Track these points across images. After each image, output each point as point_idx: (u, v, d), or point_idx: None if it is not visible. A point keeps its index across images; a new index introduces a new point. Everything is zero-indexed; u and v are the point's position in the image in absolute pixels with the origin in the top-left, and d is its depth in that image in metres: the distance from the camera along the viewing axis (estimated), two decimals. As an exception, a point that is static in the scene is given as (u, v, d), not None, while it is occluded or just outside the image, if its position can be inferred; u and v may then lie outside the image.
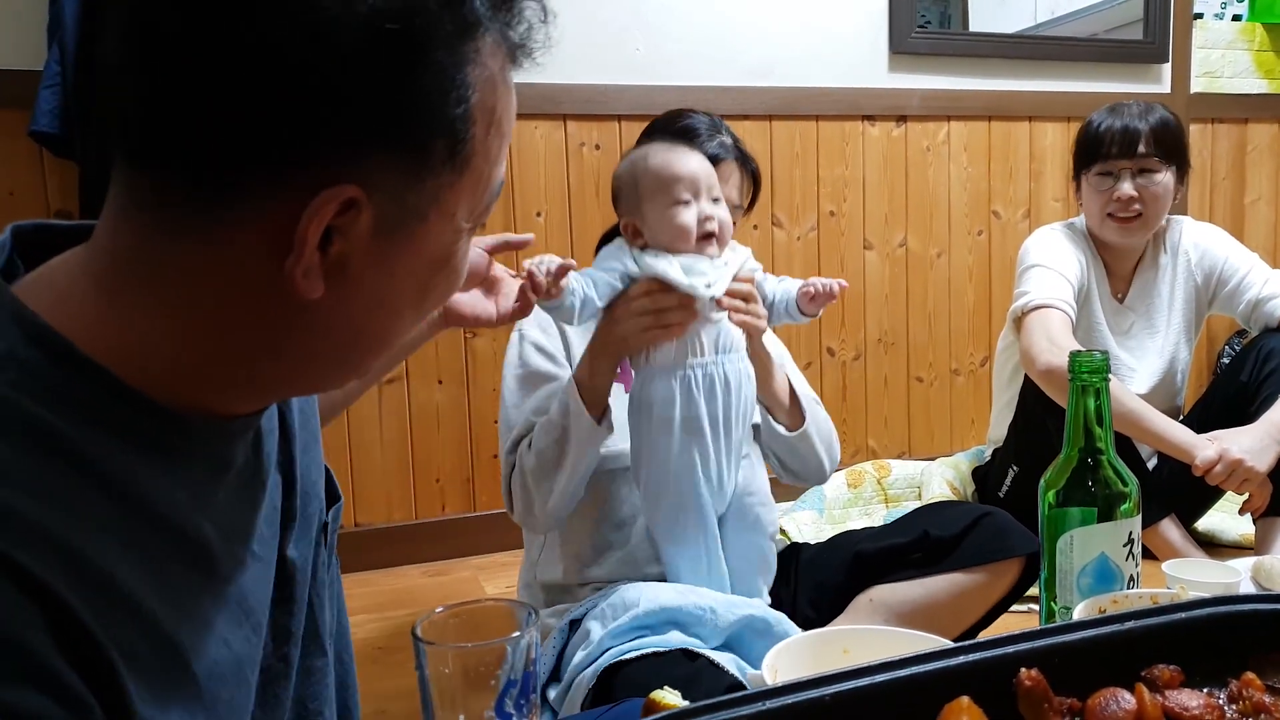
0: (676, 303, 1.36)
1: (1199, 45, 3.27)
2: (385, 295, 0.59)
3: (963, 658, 0.56)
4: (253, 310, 0.56)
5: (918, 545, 1.51)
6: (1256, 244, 3.36)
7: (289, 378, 0.62)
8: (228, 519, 0.62)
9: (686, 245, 1.38)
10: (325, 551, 0.75)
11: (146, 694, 0.53)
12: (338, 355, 0.61)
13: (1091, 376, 0.91)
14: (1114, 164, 2.06)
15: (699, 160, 1.39)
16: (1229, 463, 1.82)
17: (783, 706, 0.51)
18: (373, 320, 0.60)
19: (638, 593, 1.37)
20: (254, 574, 0.64)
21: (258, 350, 0.58)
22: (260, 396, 0.63)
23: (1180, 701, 0.57)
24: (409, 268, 0.59)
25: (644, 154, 1.41)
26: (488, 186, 0.61)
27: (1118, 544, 0.88)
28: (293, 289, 0.55)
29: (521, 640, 0.56)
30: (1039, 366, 1.95)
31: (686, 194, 1.37)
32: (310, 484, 0.72)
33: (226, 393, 0.60)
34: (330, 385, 0.65)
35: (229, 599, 0.61)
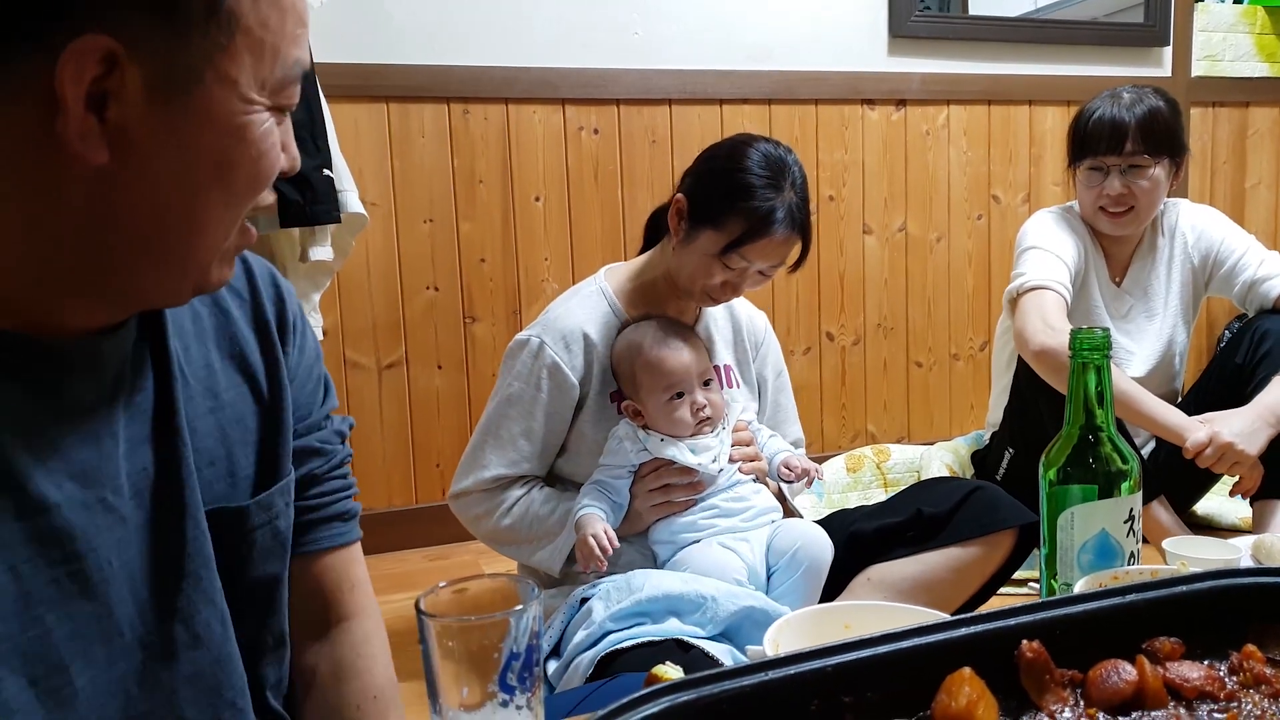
0: (681, 477, 1.49)
1: (1200, 28, 3.26)
2: (179, 167, 0.59)
3: (965, 630, 0.56)
4: (45, 187, 0.57)
5: (912, 523, 1.53)
6: (1257, 228, 3.36)
7: (107, 271, 0.61)
8: (50, 448, 0.61)
9: (685, 434, 1.50)
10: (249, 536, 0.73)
11: None
12: (145, 238, 0.61)
13: (1092, 353, 0.91)
14: (1102, 160, 2.05)
15: (689, 352, 1.50)
16: (1219, 446, 1.82)
17: (785, 677, 0.51)
18: (173, 196, 0.60)
19: (644, 578, 1.40)
20: (91, 520, 0.63)
21: (64, 233, 0.59)
22: (92, 305, 0.63)
23: (1181, 673, 0.57)
24: (198, 138, 0.59)
25: (639, 344, 1.50)
26: (275, 58, 0.60)
27: (1118, 521, 0.88)
28: (74, 155, 0.56)
29: (524, 614, 0.57)
30: (1032, 347, 1.95)
31: (680, 388, 1.48)
32: (201, 469, 0.70)
33: (53, 298, 0.61)
34: (156, 288, 0.64)
35: (32, 529, 0.60)
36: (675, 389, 1.48)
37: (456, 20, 2.53)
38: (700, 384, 1.50)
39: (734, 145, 1.51)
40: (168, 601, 0.67)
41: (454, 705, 0.56)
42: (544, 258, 2.66)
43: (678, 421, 1.48)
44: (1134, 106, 2.05)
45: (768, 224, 1.43)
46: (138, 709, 0.66)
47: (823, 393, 3.00)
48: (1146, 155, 2.04)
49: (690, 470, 1.48)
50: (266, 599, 0.77)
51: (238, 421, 0.74)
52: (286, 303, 0.80)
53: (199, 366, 0.72)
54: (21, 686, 0.59)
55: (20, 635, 0.59)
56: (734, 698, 0.50)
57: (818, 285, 2.94)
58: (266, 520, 0.75)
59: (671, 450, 1.48)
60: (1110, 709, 0.55)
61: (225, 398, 0.74)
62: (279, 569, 0.77)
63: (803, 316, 2.93)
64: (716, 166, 1.50)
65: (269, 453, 0.76)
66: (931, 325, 3.10)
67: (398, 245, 2.55)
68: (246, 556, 0.74)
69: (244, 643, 0.74)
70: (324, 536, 0.84)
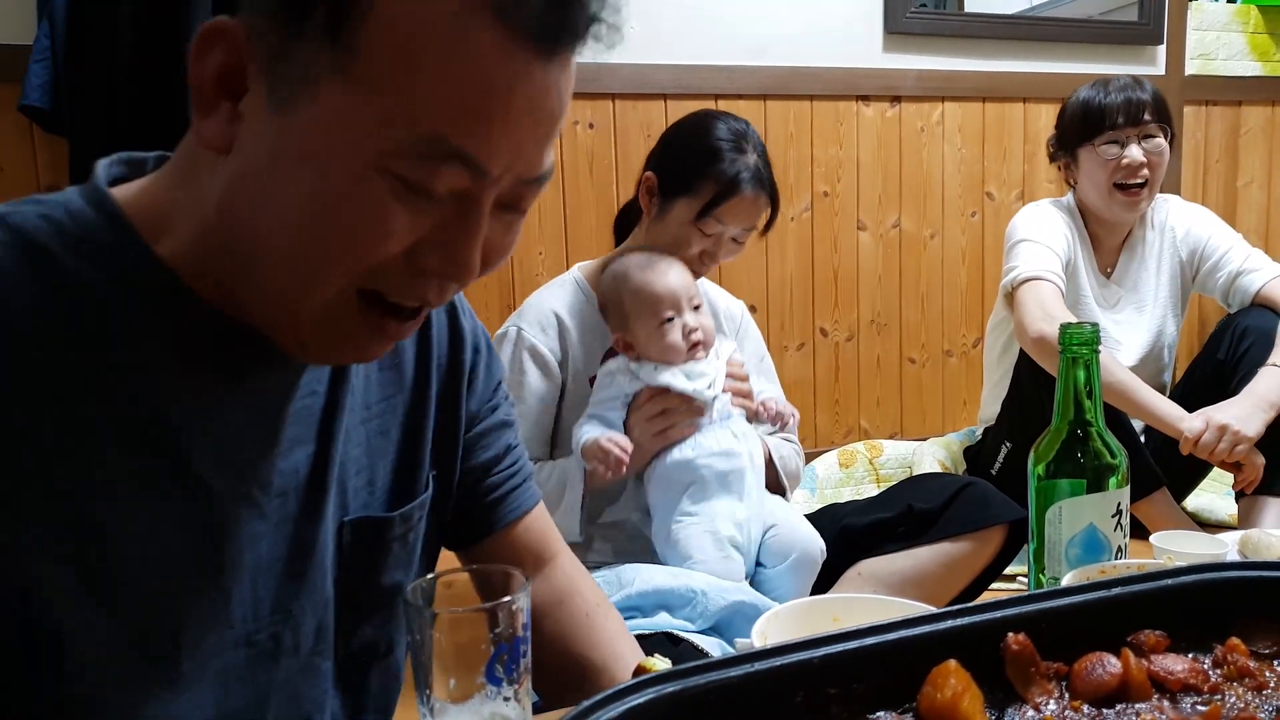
0: (681, 404, 1.47)
1: (1194, 27, 3.27)
2: (276, 186, 0.56)
3: (951, 622, 0.56)
4: (201, 169, 0.60)
5: (903, 518, 1.53)
6: (1249, 227, 3.37)
7: (241, 277, 0.60)
8: (220, 433, 0.62)
9: (678, 359, 1.47)
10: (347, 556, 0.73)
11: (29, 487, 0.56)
12: (229, 243, 0.59)
13: (1081, 348, 0.91)
14: (1121, 132, 2.07)
15: (676, 274, 1.47)
16: (1217, 427, 1.82)
17: (772, 668, 0.51)
18: (263, 215, 0.57)
19: (634, 572, 1.40)
20: (236, 511, 0.64)
21: (211, 223, 0.60)
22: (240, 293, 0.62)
23: (1166, 666, 0.57)
24: (294, 164, 0.55)
25: (624, 273, 1.49)
26: (405, 119, 0.54)
27: (1106, 515, 0.89)
28: (199, 132, 0.57)
29: (511, 605, 0.57)
30: (1031, 335, 1.96)
31: (669, 311, 1.46)
32: (346, 479, 0.72)
33: (223, 278, 0.61)
34: (265, 313, 0.61)
35: (182, 510, 0.61)
36: (665, 312, 1.46)
37: (451, 13, 2.52)
38: (690, 307, 1.48)
39: (697, 119, 1.61)
40: (280, 603, 0.68)
41: (442, 696, 0.56)
42: (538, 252, 2.66)
43: (670, 346, 1.46)
44: (1139, 86, 2.09)
45: (738, 184, 1.50)
46: (232, 705, 0.66)
47: (816, 388, 3.00)
48: (1158, 125, 2.08)
49: (687, 397, 1.46)
50: (386, 607, 0.78)
51: (382, 433, 0.75)
52: (458, 310, 0.81)
53: (361, 377, 0.73)
54: (137, 659, 0.61)
55: (151, 602, 0.61)
56: (720, 689, 0.50)
57: (811, 281, 2.94)
58: (404, 532, 0.76)
59: (666, 376, 1.46)
60: (1095, 701, 0.56)
61: (375, 409, 0.74)
62: (403, 579, 0.78)
63: (796, 312, 2.93)
64: (683, 139, 1.58)
65: (406, 466, 0.77)
66: (925, 322, 3.10)
67: (391, 239, 2.54)
68: (379, 564, 0.75)
69: (354, 649, 0.75)
70: (529, 496, 0.90)
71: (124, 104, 2.00)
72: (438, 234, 0.58)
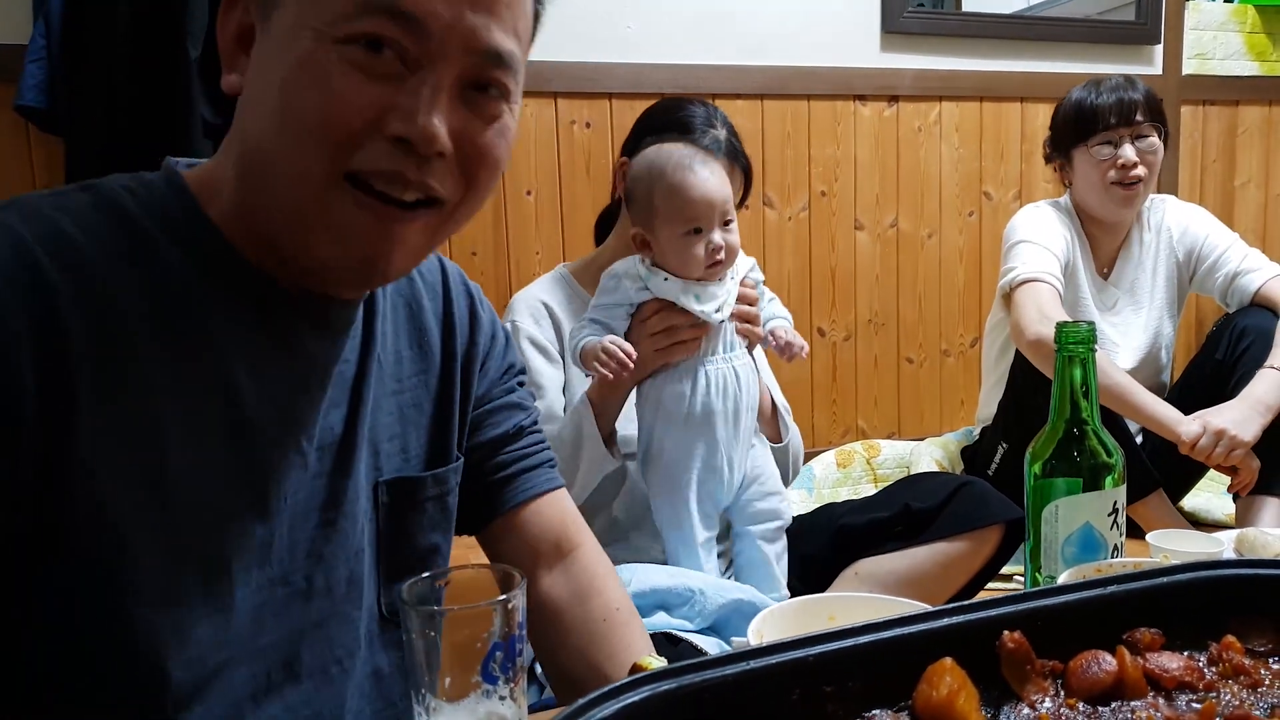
0: (687, 321, 1.40)
1: (1191, 27, 3.27)
2: (261, 96, 0.65)
3: (946, 620, 0.56)
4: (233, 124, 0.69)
5: (900, 518, 1.53)
6: (1246, 226, 3.37)
7: (261, 209, 0.68)
8: (271, 384, 0.69)
9: (695, 273, 1.40)
10: (383, 514, 0.79)
11: (99, 413, 0.61)
12: (252, 176, 0.67)
13: (1078, 347, 0.91)
14: (1114, 133, 2.07)
15: (717, 181, 1.39)
16: (1214, 432, 1.83)
17: (767, 666, 0.51)
18: (258, 129, 0.65)
19: (630, 573, 1.39)
20: (284, 456, 0.70)
21: (239, 171, 0.68)
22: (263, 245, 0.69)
23: (1161, 664, 0.57)
24: (272, 65, 0.64)
25: (662, 165, 1.40)
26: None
27: (1102, 514, 0.89)
28: (226, 86, 0.68)
29: (507, 604, 0.57)
30: (1028, 337, 1.96)
31: (700, 222, 1.37)
32: (378, 442, 0.78)
33: (253, 225, 0.69)
34: (287, 244, 0.68)
35: (234, 450, 0.67)
36: (694, 223, 1.37)
37: (448, 13, 2.52)
38: (721, 221, 1.39)
39: (666, 103, 1.64)
40: (314, 548, 0.74)
41: (437, 695, 0.56)
42: (535, 251, 2.66)
43: (690, 259, 1.38)
44: (1131, 86, 2.09)
45: (712, 152, 1.51)
46: (268, 638, 0.71)
47: (813, 388, 3.00)
48: (1151, 125, 2.08)
49: (694, 317, 1.39)
50: (426, 566, 0.82)
51: (415, 405, 0.82)
52: (475, 300, 0.89)
53: (391, 353, 0.81)
54: (195, 581, 0.66)
55: (206, 534, 0.66)
56: (716, 687, 0.50)
57: (809, 281, 2.94)
58: (438, 494, 0.83)
59: (678, 293, 1.39)
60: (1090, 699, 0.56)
61: (407, 383, 0.82)
62: (441, 541, 0.84)
63: (794, 312, 2.89)
64: (655, 121, 1.60)
65: (440, 435, 0.84)
66: (922, 321, 3.10)
67: (388, 238, 2.54)
68: (416, 523, 0.82)
69: (398, 606, 0.79)
70: (544, 480, 0.93)
71: (120, 103, 2.00)
72: (400, 101, 0.63)
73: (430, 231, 0.69)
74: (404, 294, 0.83)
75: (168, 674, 0.64)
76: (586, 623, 0.89)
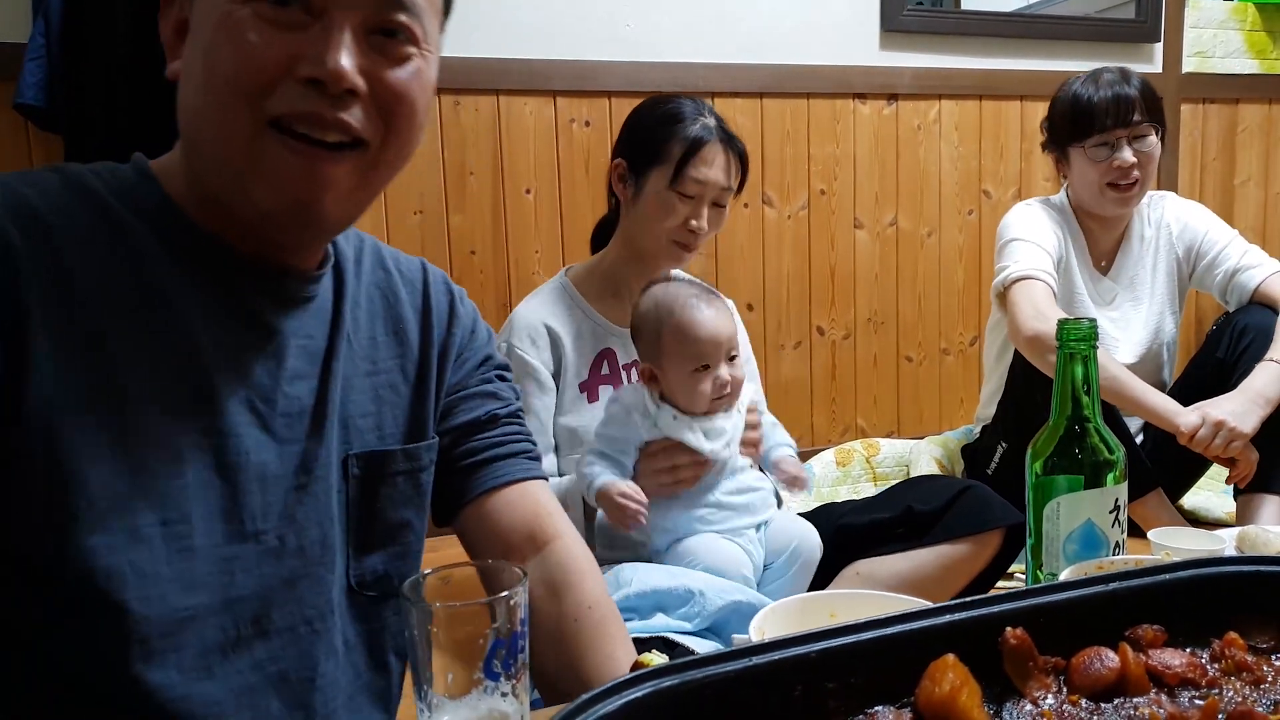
0: (691, 460, 1.44)
1: (1191, 25, 3.27)
2: (190, 68, 0.71)
3: (949, 617, 0.56)
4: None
5: (902, 519, 1.53)
6: (1245, 225, 3.37)
7: (209, 184, 0.73)
8: (225, 342, 0.73)
9: (701, 409, 1.45)
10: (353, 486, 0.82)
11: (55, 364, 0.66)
12: (189, 148, 0.74)
13: (1079, 344, 0.91)
14: (1111, 134, 2.05)
15: (720, 321, 1.45)
16: (1214, 423, 1.82)
17: (770, 662, 0.51)
18: (187, 98, 0.72)
19: (631, 572, 1.39)
20: (240, 412, 0.74)
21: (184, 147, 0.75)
22: (239, 228, 0.74)
23: (1163, 660, 0.57)
24: (197, 38, 0.70)
25: (669, 303, 1.45)
26: None
27: (1104, 511, 0.89)
28: (171, 77, 0.73)
29: (509, 600, 0.57)
30: (1024, 334, 1.95)
31: (706, 360, 1.43)
32: (351, 418, 0.82)
33: (205, 194, 0.74)
34: (230, 196, 0.72)
35: (195, 396, 0.72)
36: (702, 360, 1.42)
37: (448, 11, 2.52)
38: (726, 357, 1.45)
39: (652, 99, 1.67)
40: (288, 510, 0.76)
41: (439, 692, 0.56)
42: (535, 250, 2.66)
43: (698, 395, 1.43)
44: (1127, 81, 2.07)
45: (701, 139, 1.56)
46: (236, 591, 0.73)
47: (813, 387, 3.00)
48: (1149, 124, 2.06)
49: (699, 454, 1.44)
50: (397, 542, 0.85)
51: (390, 387, 0.85)
52: (456, 298, 0.93)
53: (364, 337, 0.84)
54: (153, 522, 0.69)
55: (165, 479, 0.69)
56: (718, 683, 0.50)
57: (808, 280, 2.94)
58: (410, 469, 0.85)
59: (685, 432, 1.43)
60: (1093, 695, 0.56)
61: (382, 366, 0.85)
62: (412, 517, 0.86)
63: (793, 311, 2.93)
64: (643, 117, 1.63)
65: (416, 416, 0.86)
66: (922, 320, 3.10)
67: (387, 237, 2.53)
68: (386, 497, 0.83)
69: (366, 579, 0.83)
70: (518, 468, 0.93)
71: (119, 102, 1.99)
72: (307, 47, 0.68)
73: (359, 175, 0.73)
74: (380, 285, 0.87)
75: (126, 609, 0.66)
76: (557, 619, 0.89)
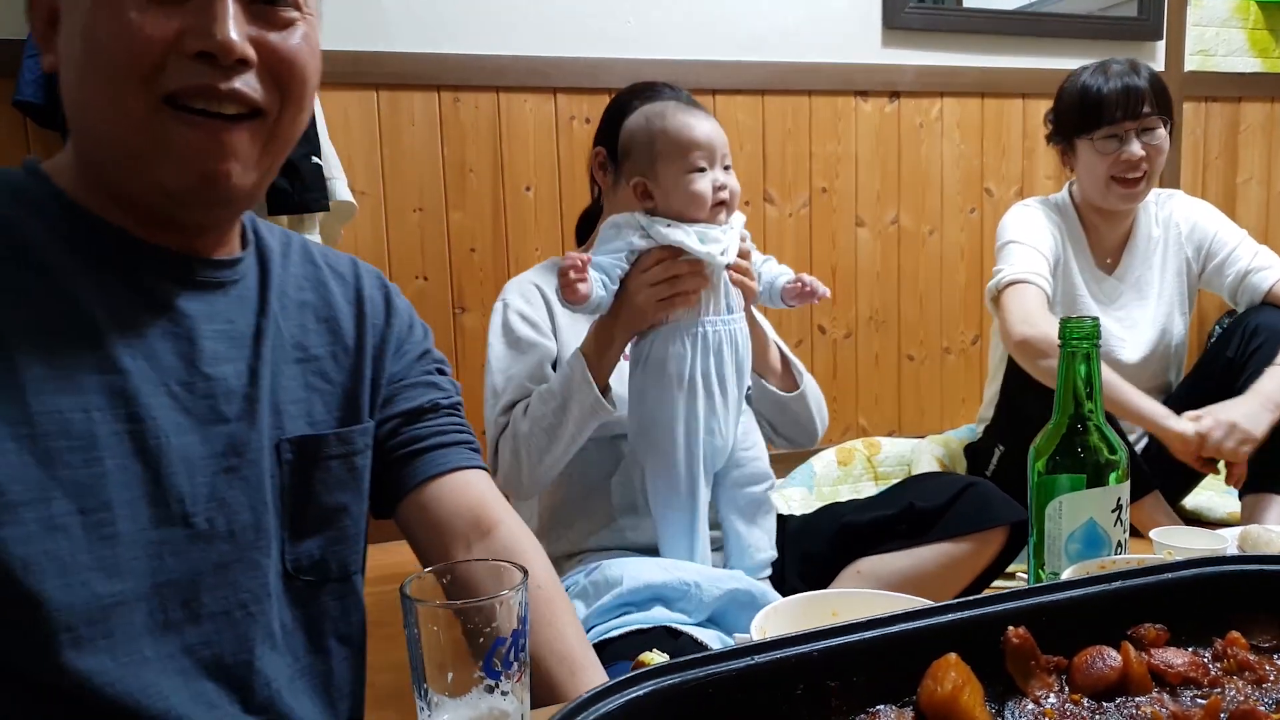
0: (689, 269, 1.37)
1: (1193, 23, 3.27)
2: (72, 56, 0.71)
3: (951, 616, 0.56)
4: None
5: (904, 517, 1.52)
6: (1248, 223, 3.36)
7: (105, 178, 0.74)
8: (131, 330, 0.74)
9: (700, 213, 1.38)
10: (286, 470, 0.82)
11: None
12: (81, 137, 0.74)
13: (1081, 342, 0.91)
14: (1119, 127, 2.03)
15: (714, 125, 1.40)
16: (1227, 424, 1.81)
17: (771, 661, 0.51)
18: (72, 87, 0.72)
19: (620, 569, 1.36)
20: (155, 396, 0.74)
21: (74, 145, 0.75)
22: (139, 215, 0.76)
23: (1166, 659, 0.57)
24: (77, 26, 0.70)
25: (660, 113, 1.40)
26: None
27: (1106, 510, 0.89)
28: (47, 68, 0.72)
29: (510, 598, 0.56)
30: (1013, 339, 1.95)
31: (703, 161, 1.37)
32: (281, 403, 0.82)
33: (99, 183, 0.75)
34: (133, 185, 0.73)
35: (105, 383, 0.71)
36: (699, 160, 1.36)
37: (448, 8, 2.51)
38: (722, 163, 1.40)
39: (631, 87, 1.65)
40: (216, 493, 0.76)
41: (439, 690, 0.56)
42: (534, 248, 2.66)
43: (696, 195, 1.36)
44: (1137, 72, 2.05)
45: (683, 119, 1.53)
46: (165, 576, 0.73)
47: (814, 385, 3.00)
48: (1158, 117, 2.05)
49: (698, 262, 1.36)
50: (333, 526, 0.85)
51: (321, 375, 0.86)
52: (391, 293, 0.95)
53: (294, 325, 0.85)
54: (70, 511, 0.69)
55: (81, 469, 0.69)
56: (720, 681, 0.50)
57: (810, 277, 2.94)
58: (344, 453, 0.85)
59: (679, 235, 1.35)
60: (1095, 694, 0.56)
61: (314, 354, 0.86)
62: (348, 501, 0.86)
63: (794, 309, 2.92)
64: (621, 103, 1.61)
65: (349, 403, 0.87)
66: (923, 318, 3.10)
67: (387, 234, 2.54)
68: (321, 481, 0.84)
69: (302, 564, 0.83)
70: (460, 456, 0.94)
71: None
72: (192, 20, 0.70)
73: (260, 142, 0.74)
74: (309, 277, 0.88)
75: (48, 598, 0.67)
76: None
